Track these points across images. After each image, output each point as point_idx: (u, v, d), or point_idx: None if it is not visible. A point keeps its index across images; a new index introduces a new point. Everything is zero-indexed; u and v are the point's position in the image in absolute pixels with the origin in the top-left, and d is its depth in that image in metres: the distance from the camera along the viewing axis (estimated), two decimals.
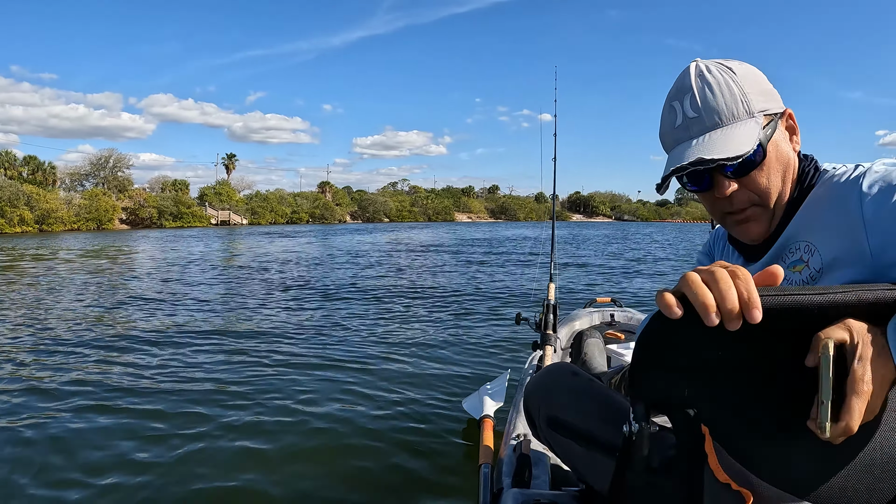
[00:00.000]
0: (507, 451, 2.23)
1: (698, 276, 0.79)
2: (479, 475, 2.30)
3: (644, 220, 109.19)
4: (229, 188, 72.67)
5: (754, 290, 0.77)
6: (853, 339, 0.80)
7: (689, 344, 0.85)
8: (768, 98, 1.16)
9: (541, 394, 1.65)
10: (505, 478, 2.04)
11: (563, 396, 1.58)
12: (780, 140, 1.16)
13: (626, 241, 31.42)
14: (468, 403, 3.83)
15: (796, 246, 1.12)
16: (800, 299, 0.81)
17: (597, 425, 1.45)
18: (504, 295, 10.28)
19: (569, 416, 1.53)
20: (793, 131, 1.20)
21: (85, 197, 53.88)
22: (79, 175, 64.25)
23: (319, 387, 4.69)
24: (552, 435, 1.59)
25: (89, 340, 6.37)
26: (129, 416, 4.00)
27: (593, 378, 1.61)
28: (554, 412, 1.57)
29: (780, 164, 1.15)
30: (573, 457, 1.55)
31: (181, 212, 60.58)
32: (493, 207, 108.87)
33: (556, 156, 4.75)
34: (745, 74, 1.15)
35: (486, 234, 40.80)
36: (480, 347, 6.16)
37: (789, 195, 1.17)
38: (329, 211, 79.72)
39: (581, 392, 1.55)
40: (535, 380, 1.73)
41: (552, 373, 1.68)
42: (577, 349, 3.30)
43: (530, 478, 2.00)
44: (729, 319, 0.77)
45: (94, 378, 4.89)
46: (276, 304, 9.15)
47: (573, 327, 3.93)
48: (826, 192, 1.09)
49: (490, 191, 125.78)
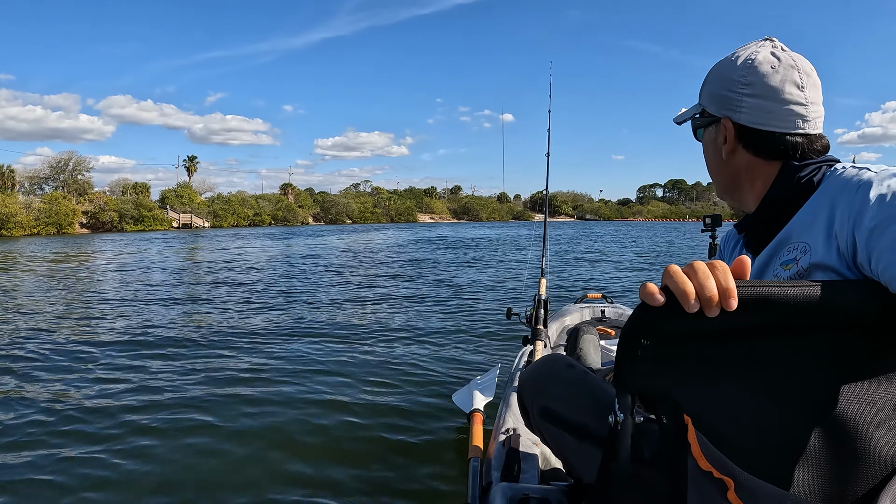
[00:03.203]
0: (496, 445, 2.23)
1: (679, 268, 0.85)
2: (469, 469, 2.27)
3: (606, 220, 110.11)
4: (191, 191, 71.65)
5: (731, 280, 0.83)
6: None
7: (673, 334, 0.88)
8: (712, 100, 1.29)
9: (535, 384, 1.66)
10: (494, 472, 2.04)
11: (558, 388, 1.58)
12: (711, 136, 1.32)
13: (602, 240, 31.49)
14: (458, 397, 3.82)
15: (794, 245, 1.13)
16: (774, 291, 0.86)
17: (589, 418, 1.46)
18: (494, 290, 10.31)
19: (562, 407, 1.54)
20: (724, 140, 1.27)
21: (45, 201, 52.69)
22: (38, 178, 63.02)
23: (308, 383, 4.68)
24: (545, 425, 1.60)
25: (47, 349, 6.22)
26: (119, 427, 3.99)
27: (588, 371, 1.61)
28: (547, 403, 1.58)
29: (711, 153, 1.33)
30: (564, 448, 1.57)
31: (142, 215, 59.45)
32: (455, 208, 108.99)
33: (549, 151, 4.68)
34: (717, 71, 1.30)
35: (457, 233, 40.70)
36: (471, 342, 6.17)
37: (755, 191, 1.25)
38: (292, 213, 79.19)
39: (576, 384, 1.55)
40: (531, 370, 1.73)
41: (548, 364, 1.67)
42: (572, 344, 3.25)
43: (519, 472, 2.00)
44: (708, 307, 0.83)
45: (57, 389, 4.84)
46: (257, 305, 9.04)
47: (564, 323, 3.94)
48: (826, 194, 1.10)
49: (452, 191, 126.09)
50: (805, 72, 1.21)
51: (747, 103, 1.22)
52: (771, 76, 1.20)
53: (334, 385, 4.65)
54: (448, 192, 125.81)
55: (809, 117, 1.21)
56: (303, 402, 4.26)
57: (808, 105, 1.20)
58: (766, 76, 1.20)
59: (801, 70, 1.21)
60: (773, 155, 1.22)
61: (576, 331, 3.35)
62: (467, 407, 3.48)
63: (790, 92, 1.20)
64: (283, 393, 4.47)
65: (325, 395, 4.40)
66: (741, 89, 1.22)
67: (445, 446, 3.50)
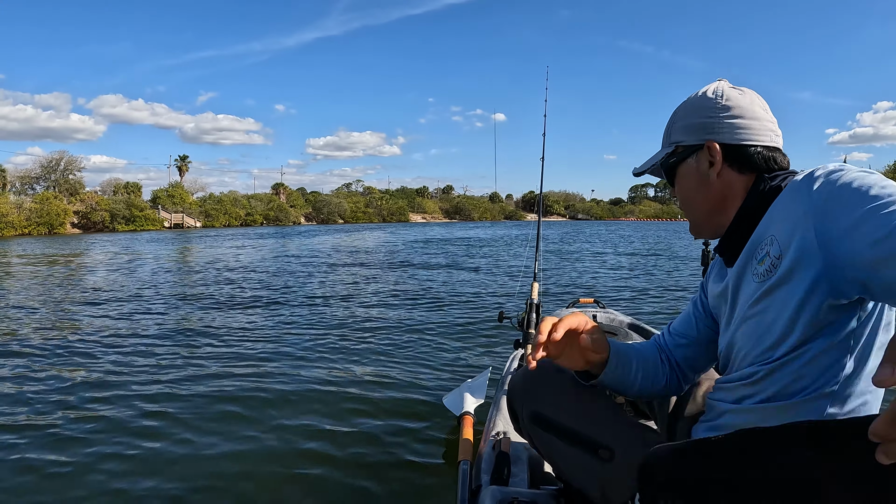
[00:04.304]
0: (486, 448, 2.23)
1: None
2: (458, 472, 2.28)
3: (598, 219, 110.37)
4: (182, 190, 71.39)
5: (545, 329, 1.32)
6: None
7: None
8: (689, 132, 1.37)
9: (525, 388, 1.66)
10: (484, 475, 2.04)
11: (547, 393, 1.60)
12: (691, 166, 1.37)
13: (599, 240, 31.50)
14: (448, 400, 3.82)
15: (764, 242, 1.19)
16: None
17: (579, 423, 1.49)
18: (486, 293, 10.30)
19: (551, 412, 1.56)
20: (712, 163, 1.33)
21: (36, 201, 52.53)
22: (29, 178, 62.61)
23: (297, 385, 4.67)
24: (534, 430, 1.61)
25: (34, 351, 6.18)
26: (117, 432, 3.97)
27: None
28: (537, 408, 1.59)
29: (694, 183, 1.36)
30: (554, 453, 1.59)
31: (134, 215, 59.41)
32: (447, 208, 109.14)
33: (545, 155, 4.70)
34: (685, 107, 1.40)
35: (449, 233, 40.63)
36: (462, 345, 6.15)
37: (732, 208, 1.32)
38: (284, 213, 79.12)
39: (565, 389, 1.56)
40: (521, 374, 1.73)
41: (538, 368, 1.65)
42: None
43: (509, 475, 2.01)
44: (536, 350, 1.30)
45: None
46: (242, 307, 9.02)
47: None
48: (786, 192, 1.18)
49: (444, 191, 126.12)
50: (762, 99, 1.35)
51: (727, 124, 1.30)
52: (742, 99, 1.32)
53: (322, 387, 4.64)
54: (440, 191, 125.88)
55: (778, 133, 1.33)
56: (288, 405, 4.25)
57: (775, 123, 1.33)
58: (738, 99, 1.32)
59: (759, 97, 1.35)
60: (753, 168, 1.30)
61: None
62: (458, 410, 3.51)
63: (763, 109, 1.32)
64: (268, 395, 4.46)
65: (312, 398, 4.39)
66: (719, 113, 1.32)
67: (435, 449, 3.49)
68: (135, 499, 2.95)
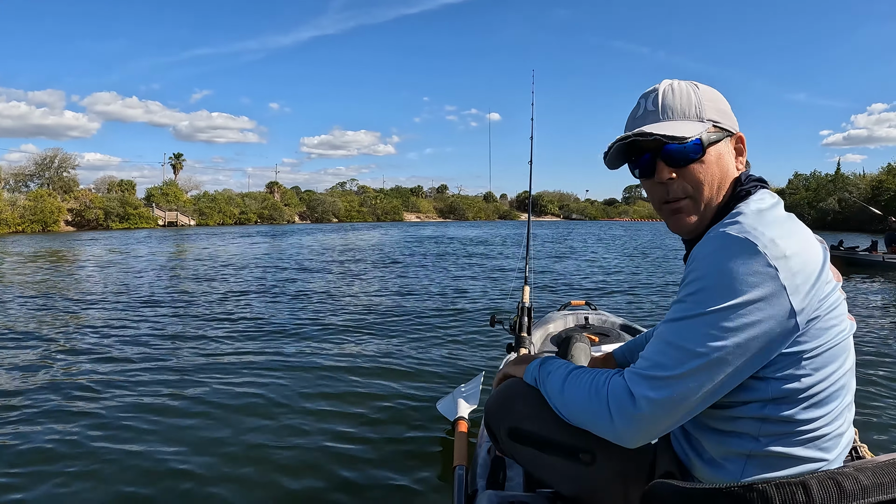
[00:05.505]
0: (481, 452, 2.22)
1: None
2: (454, 477, 2.27)
3: (592, 219, 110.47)
4: (176, 188, 71.31)
5: None
6: None
7: None
8: (723, 116, 1.35)
9: (499, 408, 1.65)
10: (479, 479, 2.04)
11: (521, 407, 1.58)
12: (723, 150, 1.34)
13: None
14: (442, 405, 3.80)
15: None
16: None
17: (556, 430, 1.47)
18: (479, 296, 10.25)
19: (528, 424, 1.55)
20: (740, 153, 1.36)
21: (30, 198, 52.29)
22: (23, 175, 62.25)
23: (291, 390, 4.67)
24: (513, 446, 1.61)
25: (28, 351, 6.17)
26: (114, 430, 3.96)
27: None
28: (514, 423, 1.58)
29: (719, 171, 1.33)
30: (537, 466, 1.59)
31: (128, 213, 59.33)
32: (441, 207, 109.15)
33: (532, 158, 4.66)
34: (707, 91, 1.37)
35: (443, 233, 40.50)
36: (454, 349, 6.12)
37: (721, 202, 1.33)
38: (278, 211, 79.00)
39: (538, 401, 1.52)
40: (493, 397, 1.70)
41: (508, 387, 1.65)
42: (563, 351, 3.26)
43: (505, 479, 2.00)
44: None
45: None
46: (234, 307, 8.99)
47: (548, 330, 3.93)
48: (712, 232, 1.24)
49: (439, 190, 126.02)
50: None
51: (735, 120, 1.38)
52: (720, 96, 1.40)
53: (315, 392, 4.64)
54: (434, 191, 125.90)
55: None
56: (282, 409, 4.24)
57: None
58: (718, 95, 1.40)
59: None
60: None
61: (568, 338, 3.34)
62: (452, 415, 3.49)
63: None
64: (261, 400, 4.45)
65: (305, 403, 4.39)
66: (729, 108, 1.39)
67: (430, 454, 3.49)
68: (130, 496, 2.98)
